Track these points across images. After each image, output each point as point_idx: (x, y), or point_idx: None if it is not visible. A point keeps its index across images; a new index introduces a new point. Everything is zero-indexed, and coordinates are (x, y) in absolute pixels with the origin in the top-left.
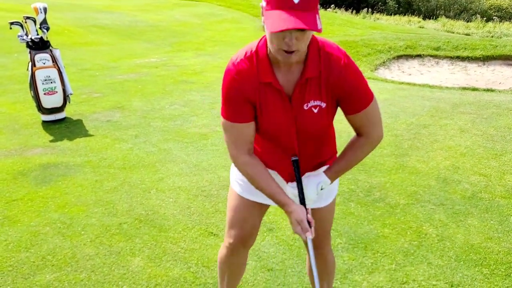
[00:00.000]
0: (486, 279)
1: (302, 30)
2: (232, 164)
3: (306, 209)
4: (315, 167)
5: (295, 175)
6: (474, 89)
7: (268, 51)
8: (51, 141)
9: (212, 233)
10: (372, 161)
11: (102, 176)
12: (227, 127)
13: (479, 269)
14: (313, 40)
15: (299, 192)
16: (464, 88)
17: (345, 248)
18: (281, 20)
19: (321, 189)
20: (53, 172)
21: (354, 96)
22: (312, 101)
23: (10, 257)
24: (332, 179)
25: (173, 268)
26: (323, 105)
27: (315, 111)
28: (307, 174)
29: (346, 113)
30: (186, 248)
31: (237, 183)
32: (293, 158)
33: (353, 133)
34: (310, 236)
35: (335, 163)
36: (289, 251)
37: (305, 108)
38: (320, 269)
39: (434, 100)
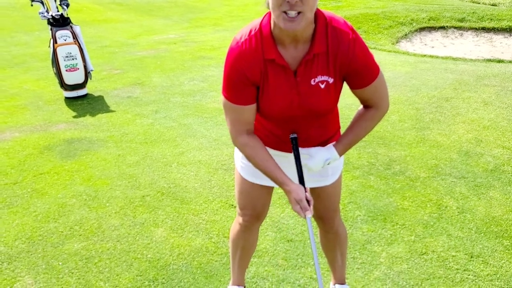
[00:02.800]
0: (506, 251)
1: None
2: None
3: (305, 188)
4: (319, 145)
5: (294, 153)
6: (500, 61)
7: (272, 28)
8: (74, 117)
9: (232, 205)
10: (392, 134)
11: (124, 151)
12: (227, 107)
13: (500, 240)
14: (320, 15)
15: (298, 170)
16: (489, 60)
17: (364, 220)
18: None
19: (328, 163)
20: (77, 146)
21: (362, 70)
22: (320, 76)
23: (39, 227)
24: (342, 153)
25: (195, 239)
26: (331, 80)
27: (322, 86)
28: (317, 147)
29: (354, 88)
30: (208, 220)
31: (240, 166)
32: (292, 136)
33: (354, 107)
34: (309, 215)
35: (343, 136)
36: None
37: (312, 83)
38: (333, 241)
39: (457, 72)
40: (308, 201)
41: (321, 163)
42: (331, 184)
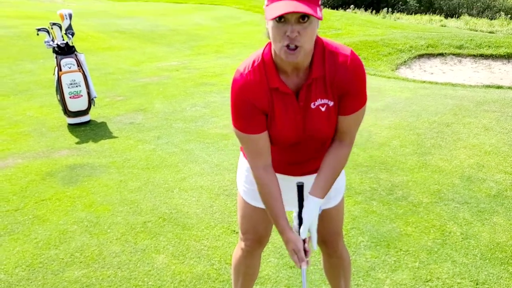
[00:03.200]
0: None
1: (303, 22)
2: (238, 169)
3: (304, 238)
4: (317, 170)
5: (298, 200)
6: (499, 87)
7: (273, 57)
8: (76, 143)
9: (234, 231)
10: (394, 159)
11: (126, 176)
12: (241, 137)
13: (505, 267)
14: (318, 41)
15: (299, 218)
16: (488, 86)
17: (367, 246)
18: (280, 6)
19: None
20: (79, 172)
21: (355, 94)
22: (319, 99)
23: (40, 254)
24: (323, 196)
25: (197, 265)
26: (331, 103)
27: (323, 109)
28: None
29: (341, 114)
30: (209, 246)
31: (243, 190)
32: (298, 183)
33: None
34: (304, 266)
35: (321, 178)
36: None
37: (313, 107)
38: (336, 266)
39: (457, 98)
40: (305, 252)
41: (316, 215)
42: (334, 206)
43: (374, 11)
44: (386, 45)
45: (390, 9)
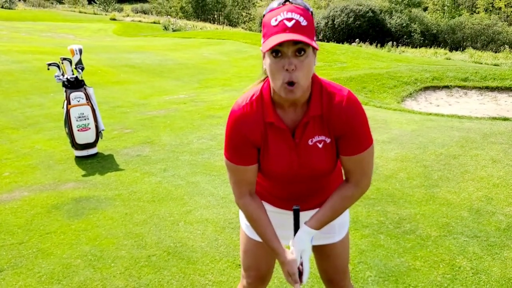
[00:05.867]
0: None
1: (300, 55)
2: None
3: (299, 260)
4: (319, 204)
5: (294, 225)
6: (505, 119)
7: (272, 93)
8: (83, 175)
9: (239, 265)
10: (401, 192)
11: (132, 209)
12: (229, 167)
13: None
14: (316, 81)
15: (293, 246)
16: (495, 118)
17: (375, 281)
18: (276, 38)
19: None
20: (85, 205)
21: (353, 136)
22: (317, 136)
23: None
24: (317, 228)
25: None
26: (328, 140)
27: (320, 146)
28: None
29: (341, 154)
30: (214, 281)
31: (245, 224)
32: (295, 207)
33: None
34: (298, 287)
35: (320, 212)
36: (317, 284)
37: (310, 143)
38: None
39: (463, 130)
40: (300, 273)
41: (309, 245)
42: (339, 241)
43: (379, 45)
44: (392, 78)
45: (395, 43)
